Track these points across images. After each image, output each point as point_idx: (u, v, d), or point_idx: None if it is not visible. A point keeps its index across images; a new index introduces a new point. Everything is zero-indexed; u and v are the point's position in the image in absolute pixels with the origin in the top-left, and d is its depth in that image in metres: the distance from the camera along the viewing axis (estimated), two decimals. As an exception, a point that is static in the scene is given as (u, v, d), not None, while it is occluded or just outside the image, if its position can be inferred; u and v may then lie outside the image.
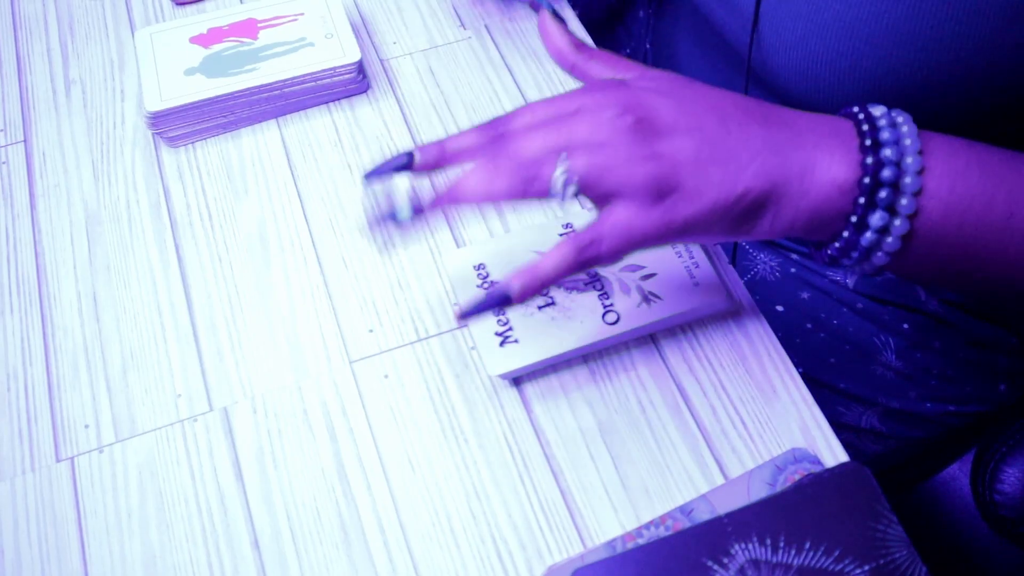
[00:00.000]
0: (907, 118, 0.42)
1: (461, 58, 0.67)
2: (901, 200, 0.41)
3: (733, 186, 0.41)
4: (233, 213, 0.60)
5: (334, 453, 0.50)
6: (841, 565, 0.43)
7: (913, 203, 0.41)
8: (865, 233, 0.42)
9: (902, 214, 0.41)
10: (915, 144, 0.41)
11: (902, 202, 0.41)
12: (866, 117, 0.42)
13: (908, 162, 0.41)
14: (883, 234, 0.42)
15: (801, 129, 0.42)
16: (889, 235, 0.42)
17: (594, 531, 0.47)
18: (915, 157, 0.41)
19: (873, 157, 0.41)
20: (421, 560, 0.47)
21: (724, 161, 0.41)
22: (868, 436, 0.70)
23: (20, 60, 0.69)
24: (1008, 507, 0.60)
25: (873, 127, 0.41)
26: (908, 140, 0.41)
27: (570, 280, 0.53)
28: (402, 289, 0.56)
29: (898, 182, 0.41)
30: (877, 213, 0.41)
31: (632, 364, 0.52)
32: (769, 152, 0.41)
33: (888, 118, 0.42)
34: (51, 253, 0.58)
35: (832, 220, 0.42)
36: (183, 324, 0.55)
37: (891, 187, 0.41)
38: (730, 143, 0.41)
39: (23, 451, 0.51)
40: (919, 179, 0.41)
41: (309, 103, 0.64)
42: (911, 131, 0.41)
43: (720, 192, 0.41)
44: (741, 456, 0.49)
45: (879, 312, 0.67)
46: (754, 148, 0.41)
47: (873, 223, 0.41)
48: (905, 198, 0.41)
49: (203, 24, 0.65)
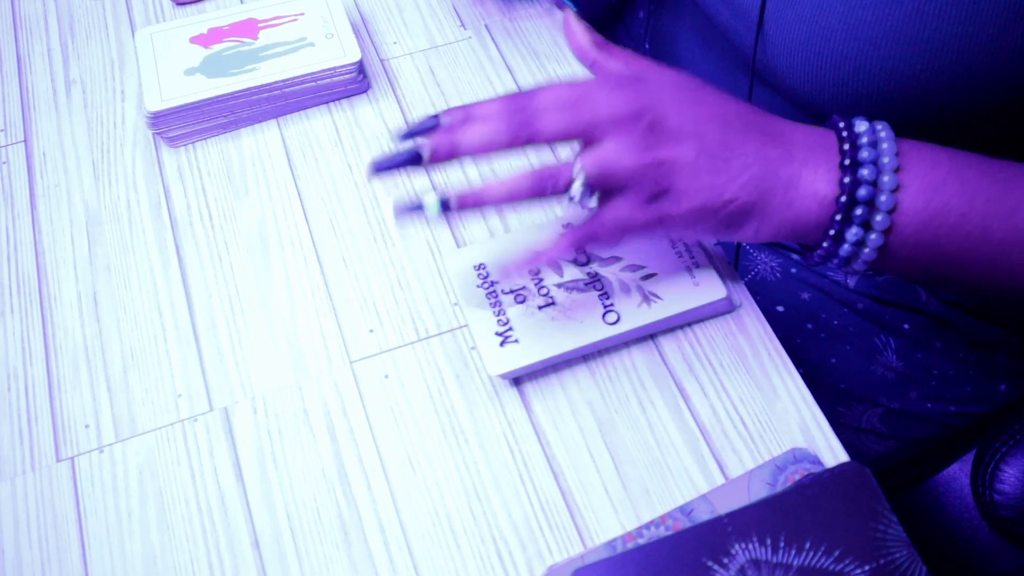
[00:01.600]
0: (889, 134, 0.45)
1: (461, 58, 0.67)
2: (876, 217, 0.44)
3: (721, 193, 0.44)
4: (233, 213, 0.60)
5: (334, 453, 0.50)
6: (841, 565, 0.43)
7: (887, 220, 0.44)
8: (843, 245, 0.45)
9: (877, 229, 0.44)
10: (892, 163, 0.44)
11: (876, 219, 0.44)
12: (848, 135, 0.45)
13: (884, 180, 0.44)
14: (859, 246, 0.45)
15: (793, 144, 0.45)
16: (865, 247, 0.45)
17: (594, 531, 0.47)
18: (891, 176, 0.44)
19: (851, 176, 0.44)
20: (421, 560, 0.47)
21: (717, 171, 0.44)
22: (868, 436, 0.70)
23: (20, 60, 0.69)
24: (1008, 507, 0.60)
25: (854, 145, 0.44)
26: (886, 158, 0.44)
27: (570, 280, 0.53)
28: (402, 289, 0.56)
29: (873, 200, 0.44)
30: (853, 228, 0.44)
31: (632, 364, 0.52)
32: (760, 166, 0.45)
33: (870, 134, 0.45)
34: (51, 253, 0.58)
35: (813, 230, 0.46)
36: (183, 324, 0.55)
37: (867, 205, 0.44)
38: (726, 154, 0.44)
39: (23, 451, 0.51)
40: (893, 197, 0.44)
41: (309, 103, 0.64)
42: (890, 148, 0.44)
43: (708, 197, 0.44)
44: (741, 456, 0.49)
45: (880, 312, 0.67)
46: (747, 161, 0.45)
47: (849, 237, 0.45)
48: (880, 215, 0.44)
49: (203, 24, 0.65)
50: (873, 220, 0.44)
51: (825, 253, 0.46)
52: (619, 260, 0.54)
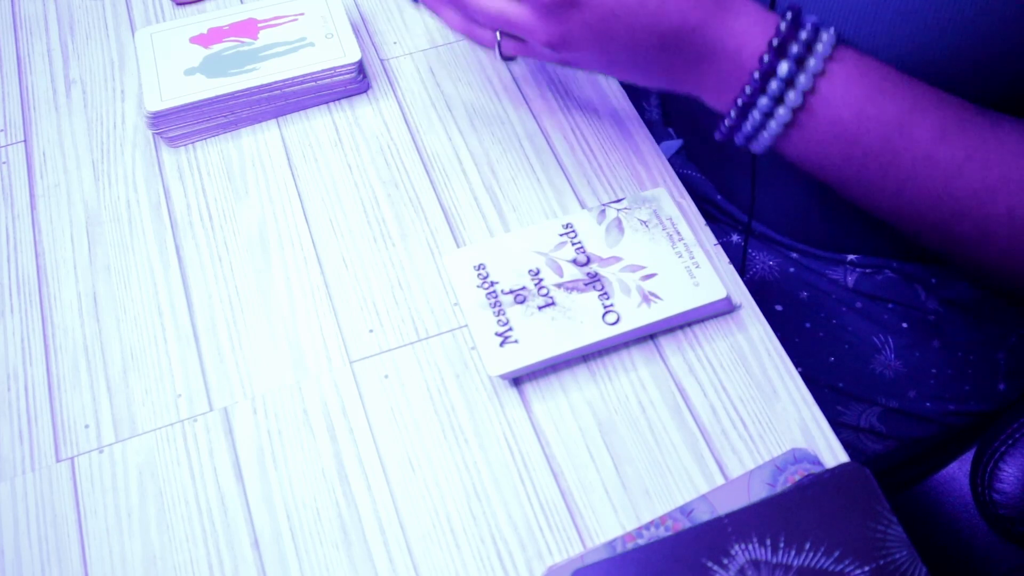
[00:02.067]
0: (832, 34, 0.46)
1: (461, 58, 0.67)
2: (789, 94, 0.46)
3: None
4: (233, 213, 0.60)
5: (334, 453, 0.50)
6: (841, 566, 0.43)
7: (800, 98, 0.46)
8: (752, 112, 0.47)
9: (788, 106, 0.46)
10: (825, 51, 0.46)
11: (790, 95, 0.46)
12: (794, 19, 0.46)
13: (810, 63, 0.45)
14: (767, 118, 0.47)
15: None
16: (772, 120, 0.47)
17: (594, 531, 0.47)
18: (819, 62, 0.45)
19: (787, 25, 0.45)
20: (421, 560, 0.47)
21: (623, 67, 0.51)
22: (868, 435, 0.70)
23: (20, 60, 0.69)
24: (1007, 506, 0.60)
25: (796, 24, 0.46)
26: (820, 46, 0.46)
27: (570, 281, 0.53)
28: (402, 289, 0.56)
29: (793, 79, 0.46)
30: (784, 62, 0.45)
31: (632, 364, 0.52)
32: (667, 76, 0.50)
33: (812, 28, 0.46)
34: (51, 253, 0.58)
35: (726, 88, 0.48)
36: (183, 324, 0.55)
37: (784, 81, 0.46)
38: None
39: (23, 451, 0.51)
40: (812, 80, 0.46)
41: (309, 103, 0.64)
42: (829, 40, 0.46)
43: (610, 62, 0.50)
44: (741, 456, 0.49)
45: (878, 311, 0.67)
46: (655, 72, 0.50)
47: (761, 106, 0.47)
48: (794, 92, 0.46)
49: (203, 24, 0.65)
50: (787, 96, 0.46)
51: (746, 100, 0.47)
52: (619, 260, 0.54)
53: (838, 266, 0.68)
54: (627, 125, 0.63)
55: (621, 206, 0.56)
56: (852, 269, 0.67)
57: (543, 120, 0.63)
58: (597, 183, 0.60)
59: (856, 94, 0.46)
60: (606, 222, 0.56)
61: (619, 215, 0.56)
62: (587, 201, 0.59)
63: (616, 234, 0.55)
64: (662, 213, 0.56)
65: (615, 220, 0.56)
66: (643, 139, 0.62)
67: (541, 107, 0.64)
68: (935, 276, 0.66)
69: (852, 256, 0.67)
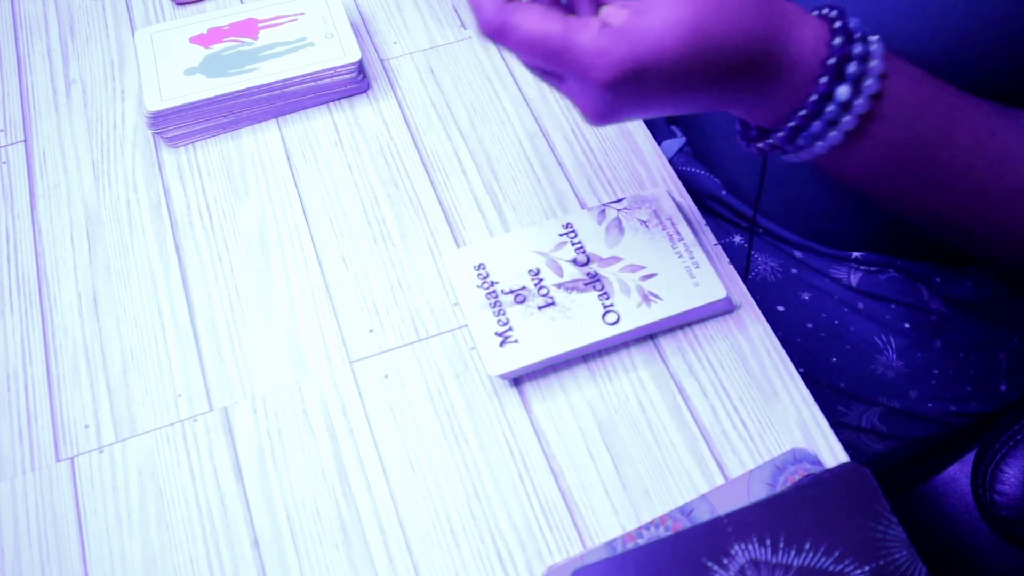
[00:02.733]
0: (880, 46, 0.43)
1: (461, 58, 0.67)
2: (866, 81, 0.42)
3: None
4: (233, 213, 0.60)
5: (334, 453, 0.50)
6: (841, 566, 0.43)
7: (877, 84, 0.42)
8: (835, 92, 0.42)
9: (864, 93, 0.42)
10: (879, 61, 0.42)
11: (867, 82, 0.42)
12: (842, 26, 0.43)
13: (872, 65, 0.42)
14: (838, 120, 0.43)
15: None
16: (841, 125, 0.43)
17: (594, 531, 0.47)
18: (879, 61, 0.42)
19: (841, 44, 0.42)
20: (421, 560, 0.47)
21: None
22: (868, 436, 0.70)
23: (20, 60, 0.69)
24: (1008, 507, 0.60)
25: (848, 38, 0.42)
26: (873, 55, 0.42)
27: (570, 281, 0.53)
28: (402, 289, 0.56)
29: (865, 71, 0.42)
30: (843, 86, 0.42)
31: (632, 364, 0.52)
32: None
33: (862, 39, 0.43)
34: (51, 253, 0.58)
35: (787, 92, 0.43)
36: (183, 324, 0.55)
37: (860, 60, 0.42)
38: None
39: (23, 451, 0.51)
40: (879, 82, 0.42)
41: (309, 103, 0.64)
42: (879, 49, 0.42)
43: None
44: (741, 456, 0.49)
45: (880, 311, 0.67)
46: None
47: (828, 111, 0.42)
48: (870, 79, 0.42)
49: (203, 24, 0.65)
50: (842, 120, 0.42)
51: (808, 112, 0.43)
52: (619, 260, 0.54)
53: (842, 264, 0.67)
54: (627, 125, 0.63)
55: (621, 206, 0.56)
56: (856, 267, 0.67)
57: (543, 120, 0.63)
58: (597, 183, 0.60)
59: (907, 112, 0.43)
60: (606, 222, 0.56)
61: (619, 215, 0.56)
62: (587, 201, 0.59)
63: (616, 234, 0.55)
64: (662, 213, 0.56)
65: (615, 220, 0.56)
66: (643, 139, 0.62)
67: (541, 107, 0.64)
68: (939, 275, 0.66)
69: (857, 253, 0.67)
